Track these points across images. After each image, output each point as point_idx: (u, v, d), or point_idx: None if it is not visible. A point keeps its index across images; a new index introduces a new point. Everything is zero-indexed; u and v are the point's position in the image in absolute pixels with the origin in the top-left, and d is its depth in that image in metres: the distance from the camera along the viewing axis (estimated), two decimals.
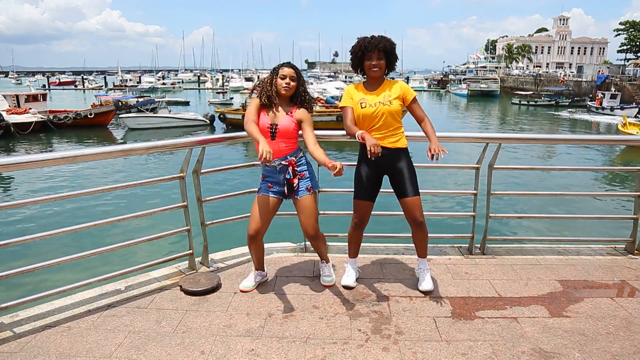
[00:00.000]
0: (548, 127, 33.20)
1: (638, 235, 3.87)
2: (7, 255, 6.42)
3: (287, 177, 2.89)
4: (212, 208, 3.53)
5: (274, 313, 2.83)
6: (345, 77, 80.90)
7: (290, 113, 2.89)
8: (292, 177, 2.89)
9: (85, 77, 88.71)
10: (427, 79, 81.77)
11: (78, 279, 2.94)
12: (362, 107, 2.92)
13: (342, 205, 3.79)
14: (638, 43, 68.35)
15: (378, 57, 2.88)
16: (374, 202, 3.09)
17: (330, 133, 3.42)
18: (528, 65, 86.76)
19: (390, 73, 3.09)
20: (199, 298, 3.00)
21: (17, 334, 2.57)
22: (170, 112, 29.24)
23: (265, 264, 3.26)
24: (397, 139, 2.95)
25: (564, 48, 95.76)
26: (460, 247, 3.91)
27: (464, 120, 37.11)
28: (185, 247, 3.40)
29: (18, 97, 27.65)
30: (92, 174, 15.03)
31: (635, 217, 3.85)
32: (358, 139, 2.78)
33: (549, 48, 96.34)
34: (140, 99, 32.10)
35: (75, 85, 79.27)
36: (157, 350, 2.44)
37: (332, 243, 3.77)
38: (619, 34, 71.45)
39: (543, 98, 48.89)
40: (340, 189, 3.93)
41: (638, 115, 31.96)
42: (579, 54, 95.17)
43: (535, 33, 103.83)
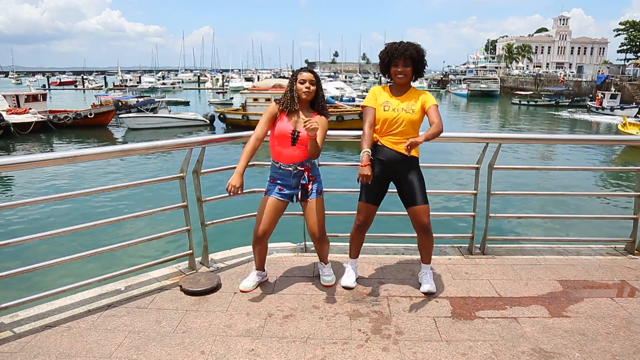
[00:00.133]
0: (548, 127, 33.20)
1: (638, 235, 3.87)
2: (7, 255, 6.41)
3: (302, 182, 2.94)
4: (212, 208, 3.53)
5: (274, 313, 2.83)
6: (345, 77, 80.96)
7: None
8: (307, 182, 2.94)
9: (85, 77, 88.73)
10: (427, 79, 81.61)
11: (78, 279, 2.94)
12: (384, 109, 2.93)
13: (342, 206, 3.80)
14: (638, 43, 68.33)
15: (404, 64, 2.89)
16: (379, 206, 3.09)
17: (330, 133, 3.40)
18: (528, 65, 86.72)
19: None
20: (199, 298, 3.00)
21: (17, 334, 2.57)
22: (170, 112, 29.23)
23: (266, 264, 3.27)
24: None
25: (564, 48, 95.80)
26: (460, 247, 3.92)
27: (464, 120, 37.09)
28: (185, 247, 3.40)
29: (18, 97, 27.63)
30: (92, 174, 15.02)
31: (635, 217, 3.85)
32: (361, 157, 2.84)
33: (549, 48, 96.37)
34: (140, 99, 32.07)
35: (75, 86, 79.26)
36: (157, 350, 2.44)
37: (332, 243, 3.76)
38: (619, 34, 71.43)
39: (543, 98, 48.89)
40: (341, 189, 3.94)
41: (638, 115, 31.93)
42: (579, 54, 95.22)
43: (535, 33, 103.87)
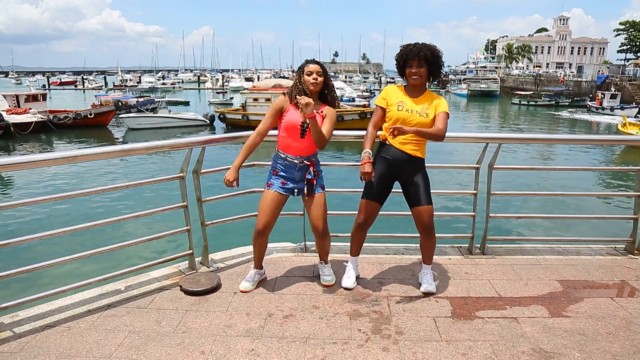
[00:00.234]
0: (548, 127, 33.20)
1: (638, 235, 3.87)
2: (7, 255, 6.40)
3: (308, 177, 2.95)
4: (212, 208, 3.53)
5: (274, 313, 2.83)
6: (345, 77, 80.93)
7: (321, 112, 2.93)
8: (312, 177, 2.96)
9: (86, 77, 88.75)
10: None
11: (78, 279, 2.93)
12: (398, 109, 2.93)
13: (342, 206, 3.80)
14: (638, 43, 68.31)
15: (418, 65, 2.88)
16: (382, 205, 3.09)
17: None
18: (528, 65, 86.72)
19: (389, 73, 3.09)
20: (199, 298, 3.00)
21: (17, 334, 2.57)
22: (170, 112, 29.24)
23: (265, 264, 3.27)
24: (417, 148, 2.97)
25: (564, 48, 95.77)
26: (460, 247, 3.92)
27: (464, 120, 37.09)
28: (185, 247, 3.40)
29: (18, 97, 27.63)
30: (92, 174, 15.02)
31: (635, 217, 3.85)
32: (361, 157, 2.88)
33: (549, 48, 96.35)
34: (140, 99, 32.10)
35: (75, 86, 79.28)
36: (157, 350, 2.44)
37: (332, 243, 3.75)
38: (619, 34, 71.41)
39: (543, 98, 48.90)
40: (341, 189, 3.93)
41: (638, 115, 31.94)
42: (579, 54, 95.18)
43: (535, 33, 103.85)
